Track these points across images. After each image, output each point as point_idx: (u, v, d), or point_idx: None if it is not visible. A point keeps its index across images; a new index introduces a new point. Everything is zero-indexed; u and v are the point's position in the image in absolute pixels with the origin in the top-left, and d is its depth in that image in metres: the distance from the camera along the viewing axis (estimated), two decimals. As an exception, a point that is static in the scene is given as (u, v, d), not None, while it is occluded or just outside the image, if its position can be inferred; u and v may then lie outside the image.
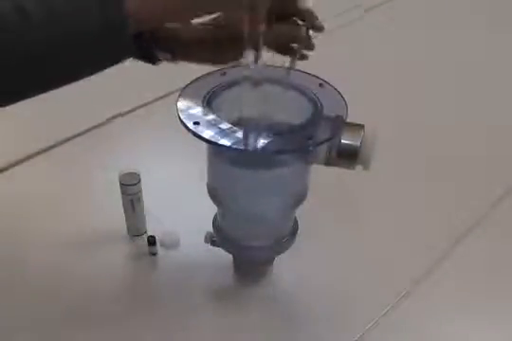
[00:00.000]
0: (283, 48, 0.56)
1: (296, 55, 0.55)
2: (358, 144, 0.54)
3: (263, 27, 0.48)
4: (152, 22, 0.47)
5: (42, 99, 0.47)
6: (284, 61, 0.57)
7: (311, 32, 0.55)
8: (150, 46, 0.58)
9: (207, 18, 0.54)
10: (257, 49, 0.49)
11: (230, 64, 0.59)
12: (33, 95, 0.45)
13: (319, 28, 0.55)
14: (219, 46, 0.57)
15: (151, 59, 0.60)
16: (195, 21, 0.54)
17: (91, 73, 0.46)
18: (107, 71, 0.46)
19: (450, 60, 1.13)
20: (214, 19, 0.57)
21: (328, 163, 0.56)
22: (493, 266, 0.72)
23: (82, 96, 0.87)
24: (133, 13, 0.43)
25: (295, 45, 0.55)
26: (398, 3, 1.32)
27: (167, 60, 0.60)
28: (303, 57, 0.57)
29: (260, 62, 0.50)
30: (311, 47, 0.56)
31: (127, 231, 0.74)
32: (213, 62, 0.59)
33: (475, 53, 1.15)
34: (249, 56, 0.50)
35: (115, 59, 0.46)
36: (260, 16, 0.47)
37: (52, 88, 0.46)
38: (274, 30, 0.54)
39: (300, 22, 0.55)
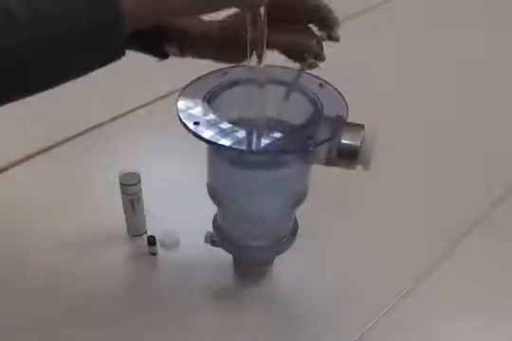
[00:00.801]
0: (294, 55, 0.56)
1: (306, 63, 0.55)
2: (358, 144, 0.54)
3: (263, 27, 0.48)
4: (150, 20, 0.46)
5: (42, 100, 0.47)
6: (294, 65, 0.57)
7: (324, 44, 0.56)
8: (158, 40, 0.58)
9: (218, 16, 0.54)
10: (259, 51, 0.49)
11: (236, 64, 0.59)
12: (20, 97, 0.44)
13: (334, 39, 0.55)
14: (224, 46, 0.57)
15: (159, 53, 0.60)
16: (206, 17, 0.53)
17: (82, 74, 0.45)
18: (107, 71, 0.46)
19: (450, 59, 1.13)
20: (223, 19, 0.57)
21: (328, 163, 0.56)
22: (493, 266, 0.72)
23: (81, 96, 0.87)
24: (129, 11, 0.42)
25: (306, 54, 0.56)
26: (398, 3, 1.32)
27: (174, 54, 0.60)
28: (313, 65, 0.57)
29: (262, 63, 0.50)
30: (322, 58, 0.57)
31: (127, 231, 0.74)
32: (219, 59, 0.59)
33: (474, 53, 1.15)
34: (252, 57, 0.50)
35: (106, 58, 0.45)
36: (259, 15, 0.47)
37: (40, 90, 0.44)
38: (286, 38, 0.55)
39: (315, 30, 0.55)
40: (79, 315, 0.65)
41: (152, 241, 0.71)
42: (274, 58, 0.55)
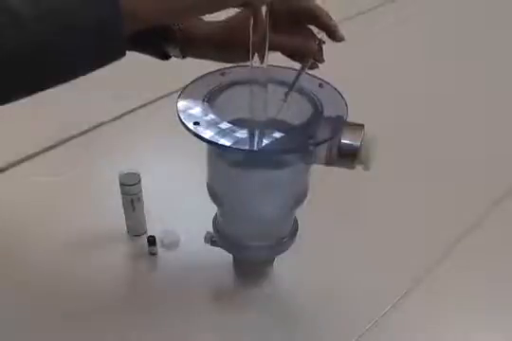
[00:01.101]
0: (294, 56, 0.56)
1: (306, 64, 0.56)
2: (358, 144, 0.54)
3: (265, 28, 0.48)
4: (151, 21, 0.46)
5: (42, 100, 0.47)
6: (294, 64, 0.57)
7: (323, 45, 0.56)
8: (158, 41, 0.57)
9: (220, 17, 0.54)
10: (261, 52, 0.49)
11: (236, 64, 0.59)
12: (19, 97, 0.44)
13: (339, 39, 0.55)
14: (224, 46, 0.57)
15: (159, 54, 0.60)
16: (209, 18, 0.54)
17: (82, 73, 0.45)
18: (107, 71, 0.46)
19: (451, 60, 1.13)
20: (224, 20, 0.57)
21: (328, 163, 0.56)
22: (493, 266, 0.72)
23: (81, 96, 0.87)
24: (130, 12, 0.42)
25: (306, 56, 0.56)
26: (398, 3, 1.33)
27: (175, 55, 0.60)
28: (313, 66, 0.57)
29: (265, 64, 0.50)
30: (320, 61, 0.57)
31: (127, 231, 0.74)
32: (219, 60, 0.59)
33: (475, 54, 1.15)
34: (254, 58, 0.50)
35: (106, 59, 0.45)
36: (259, 14, 0.47)
37: (38, 90, 0.44)
38: (286, 39, 0.55)
39: (316, 32, 0.55)
40: (79, 315, 0.65)
41: (152, 240, 0.71)
42: (274, 58, 0.55)
